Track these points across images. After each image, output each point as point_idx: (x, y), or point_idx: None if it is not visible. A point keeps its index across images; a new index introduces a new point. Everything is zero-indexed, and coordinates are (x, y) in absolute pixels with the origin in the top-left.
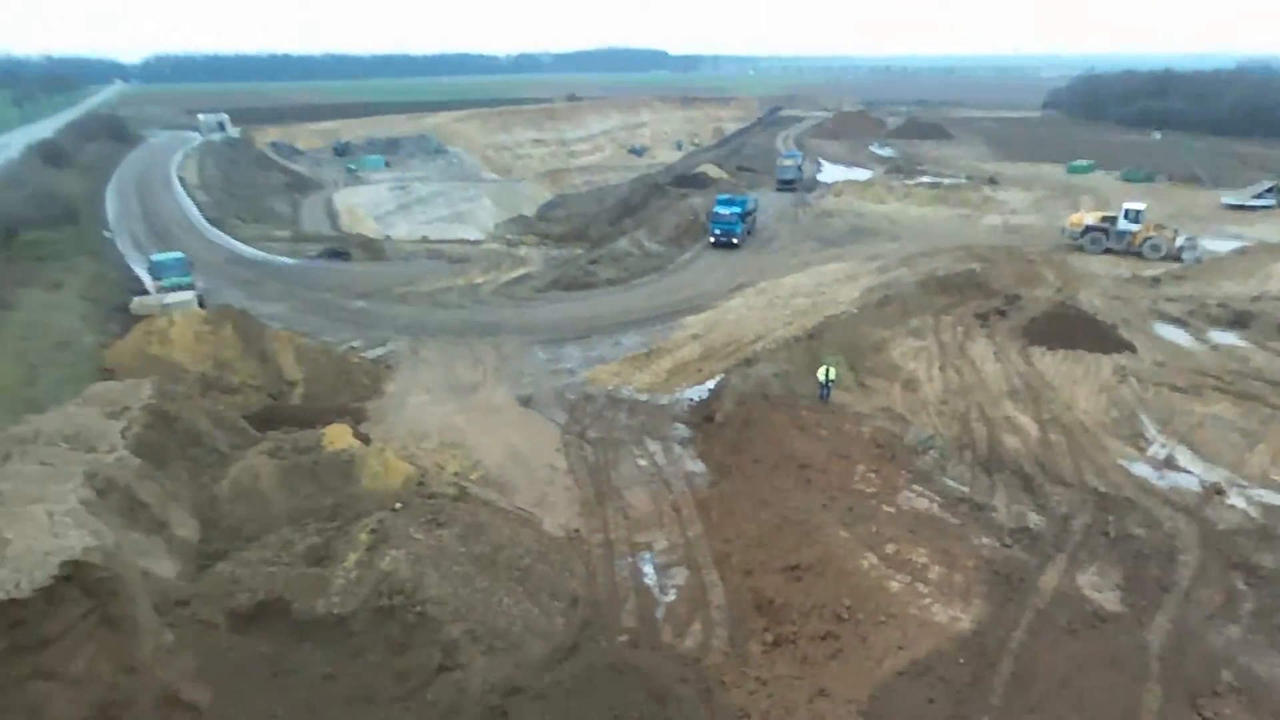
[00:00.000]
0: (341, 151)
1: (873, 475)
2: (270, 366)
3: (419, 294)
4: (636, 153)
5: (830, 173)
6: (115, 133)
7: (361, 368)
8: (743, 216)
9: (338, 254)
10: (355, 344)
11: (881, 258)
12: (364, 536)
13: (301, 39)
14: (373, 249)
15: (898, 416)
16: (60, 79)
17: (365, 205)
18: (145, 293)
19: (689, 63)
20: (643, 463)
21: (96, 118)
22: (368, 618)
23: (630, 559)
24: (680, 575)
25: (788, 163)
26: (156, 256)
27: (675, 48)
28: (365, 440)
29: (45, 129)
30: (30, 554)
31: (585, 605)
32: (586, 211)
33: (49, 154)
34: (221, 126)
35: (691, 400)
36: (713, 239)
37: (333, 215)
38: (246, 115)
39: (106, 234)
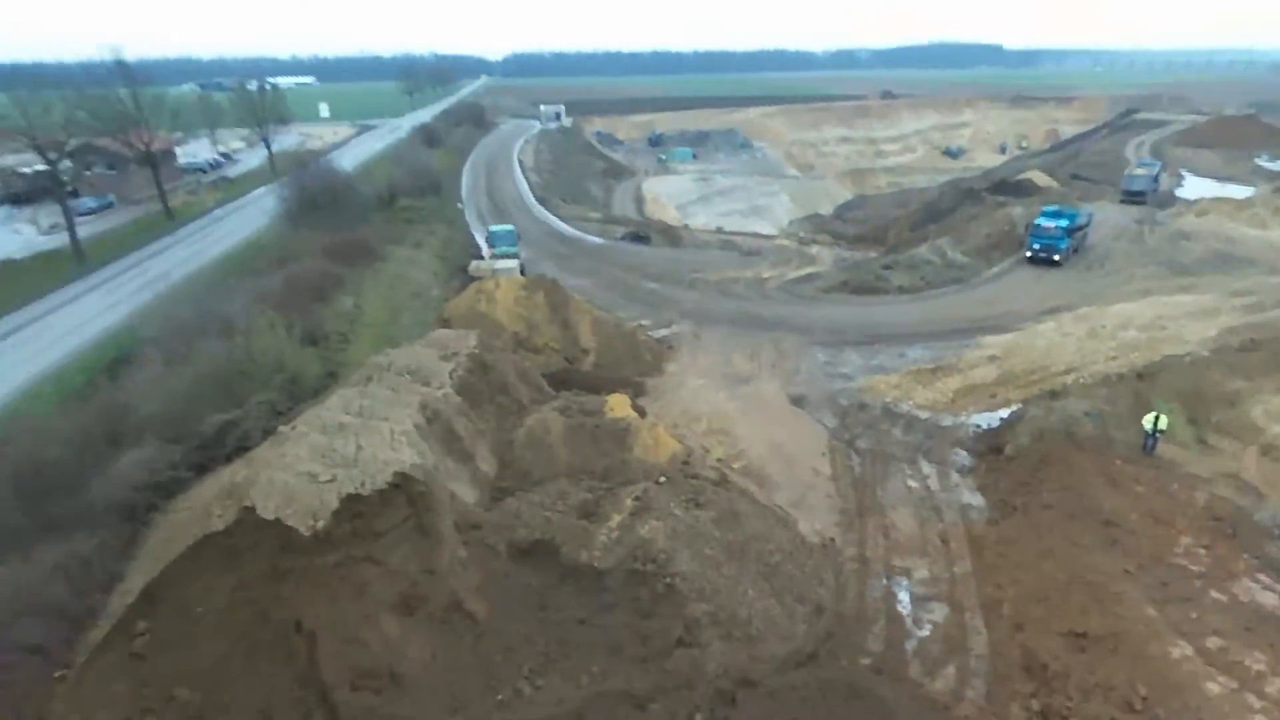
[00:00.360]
0: (655, 142)
1: (1202, 551)
2: (570, 333)
3: (707, 282)
4: (952, 154)
5: (1194, 187)
6: (475, 120)
7: (648, 345)
8: (1070, 231)
9: (639, 237)
10: (645, 322)
11: (1253, 294)
12: (629, 502)
13: (633, 37)
14: (671, 235)
15: (1248, 488)
16: (442, 73)
17: (670, 194)
18: (480, 258)
19: (1026, 58)
20: (913, 483)
21: (463, 106)
22: (621, 577)
23: (885, 581)
24: (939, 611)
25: (1140, 172)
26: (493, 227)
27: (1012, 41)
28: (641, 413)
29: (426, 115)
30: (374, 461)
31: (830, 617)
32: (886, 214)
33: (427, 136)
34: (558, 116)
35: (978, 427)
36: (1030, 254)
37: (639, 201)
38: (579, 107)
39: (459, 205)
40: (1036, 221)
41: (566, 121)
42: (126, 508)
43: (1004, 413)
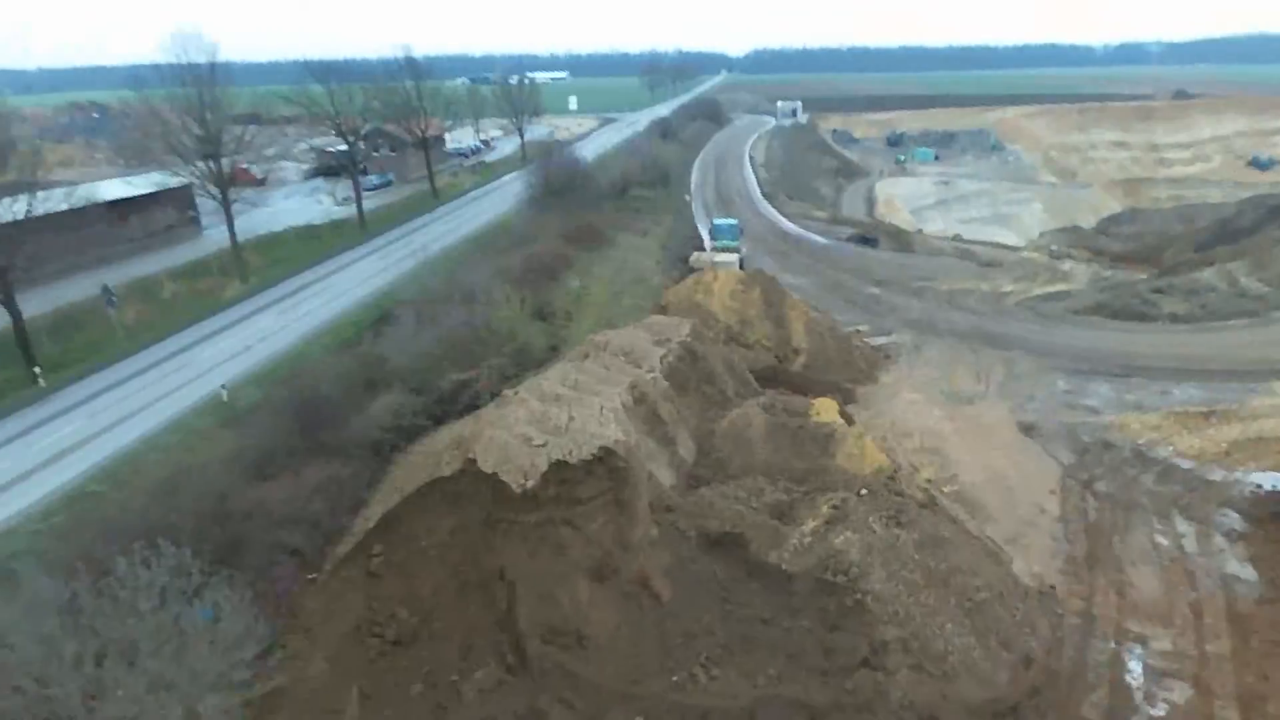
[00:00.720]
0: (894, 142)
1: None
2: (782, 332)
3: (936, 291)
4: (1260, 166)
5: None
6: (711, 115)
7: (862, 352)
8: None
9: (866, 239)
10: (862, 328)
11: None
12: (825, 509)
13: (882, 33)
14: (900, 239)
15: None
16: (683, 69)
17: (904, 196)
18: (702, 249)
19: None
20: (1163, 541)
21: (700, 101)
22: (810, 584)
23: (1114, 645)
24: (1179, 692)
25: None
26: (716, 220)
27: None
28: (849, 420)
29: (665, 109)
30: (583, 433)
31: (1039, 671)
32: (1164, 231)
33: (662, 130)
34: (794, 113)
35: (1258, 487)
36: None
37: (870, 203)
38: (817, 103)
39: (686, 197)
40: None
41: (802, 118)
42: (376, 444)
43: None
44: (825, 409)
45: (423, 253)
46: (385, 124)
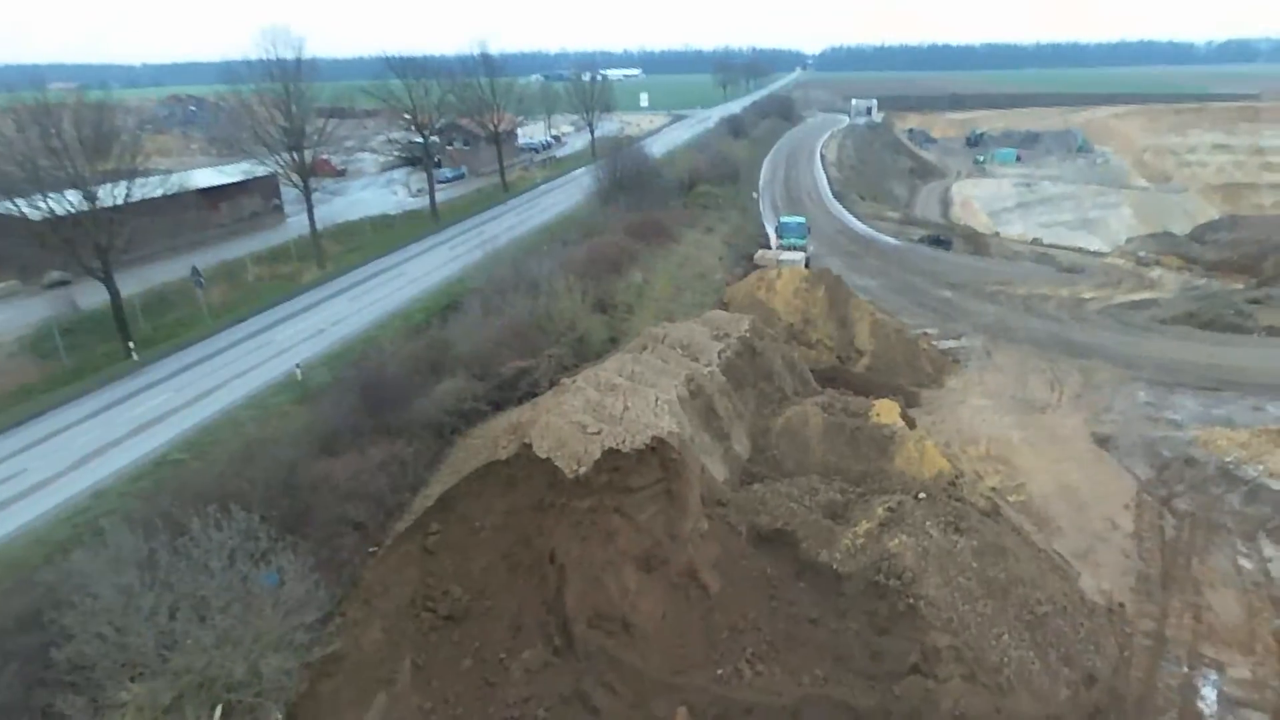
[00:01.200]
0: (974, 142)
1: None
2: (846, 332)
3: (1011, 295)
4: None
5: None
6: (783, 112)
7: (929, 355)
8: None
9: (939, 241)
10: (930, 331)
11: None
12: (880, 511)
13: (964, 29)
14: (976, 242)
15: None
16: (757, 66)
17: (982, 199)
18: (768, 247)
19: None
20: (1247, 564)
21: (772, 98)
22: (861, 586)
23: (1186, 669)
24: None
25: None
26: (784, 218)
27: None
28: (910, 423)
29: (736, 106)
30: (637, 423)
31: (1104, 691)
32: (1265, 239)
33: (732, 127)
34: (869, 112)
35: None
36: None
37: (946, 204)
38: (893, 102)
39: (754, 195)
40: None
41: (877, 117)
42: (437, 426)
43: None
44: (886, 411)
45: (492, 244)
46: (460, 119)
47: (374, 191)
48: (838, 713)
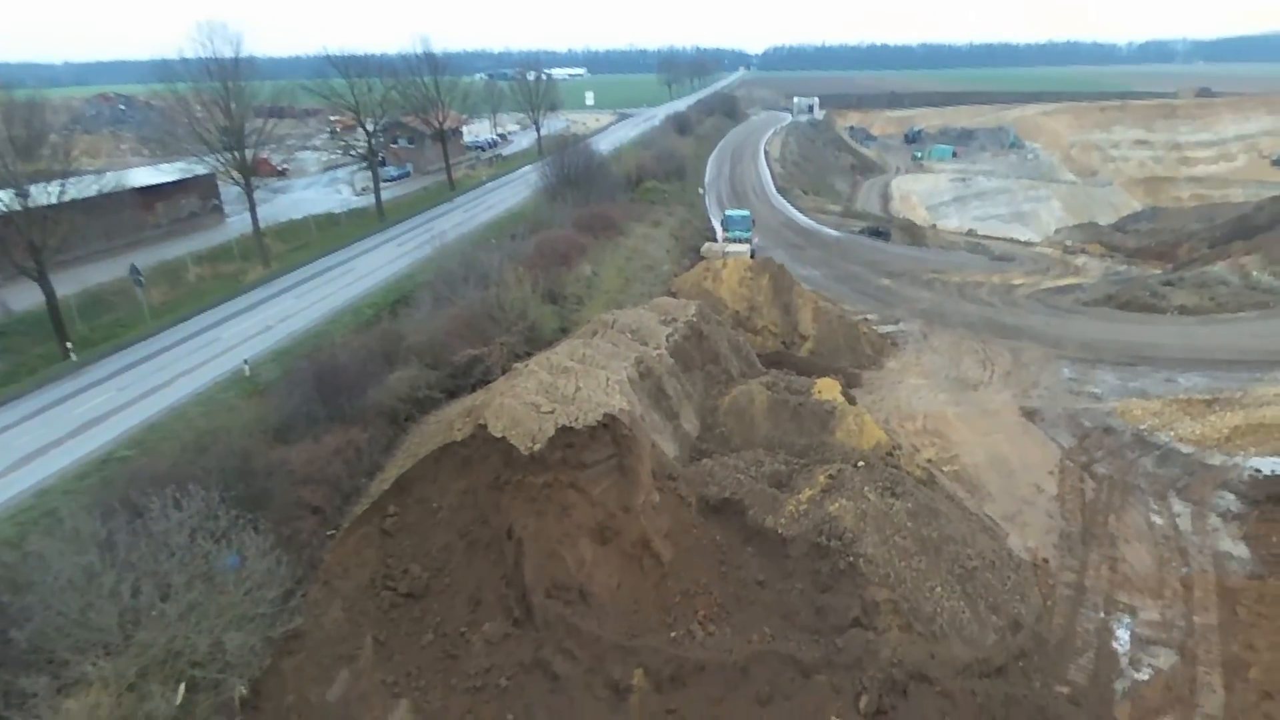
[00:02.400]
0: (912, 139)
1: None
2: (790, 318)
3: (947, 283)
4: None
5: None
6: (727, 110)
7: (869, 339)
8: None
9: (878, 233)
10: (870, 316)
11: None
12: (822, 479)
13: (902, 30)
14: (913, 233)
15: None
16: (701, 65)
17: (921, 193)
18: (714, 240)
19: None
20: (1158, 520)
21: (717, 96)
22: (804, 548)
23: (1102, 614)
24: (1164, 658)
25: None
26: (729, 212)
27: None
28: (850, 401)
29: (682, 104)
30: (589, 401)
31: (1028, 636)
32: (1182, 229)
33: (678, 124)
34: (810, 110)
35: (1257, 471)
36: None
37: (886, 198)
38: (834, 100)
39: (700, 190)
40: None
41: (819, 115)
42: (392, 413)
43: None
44: (827, 388)
45: (440, 240)
46: (403, 117)
47: (317, 190)
48: (785, 666)
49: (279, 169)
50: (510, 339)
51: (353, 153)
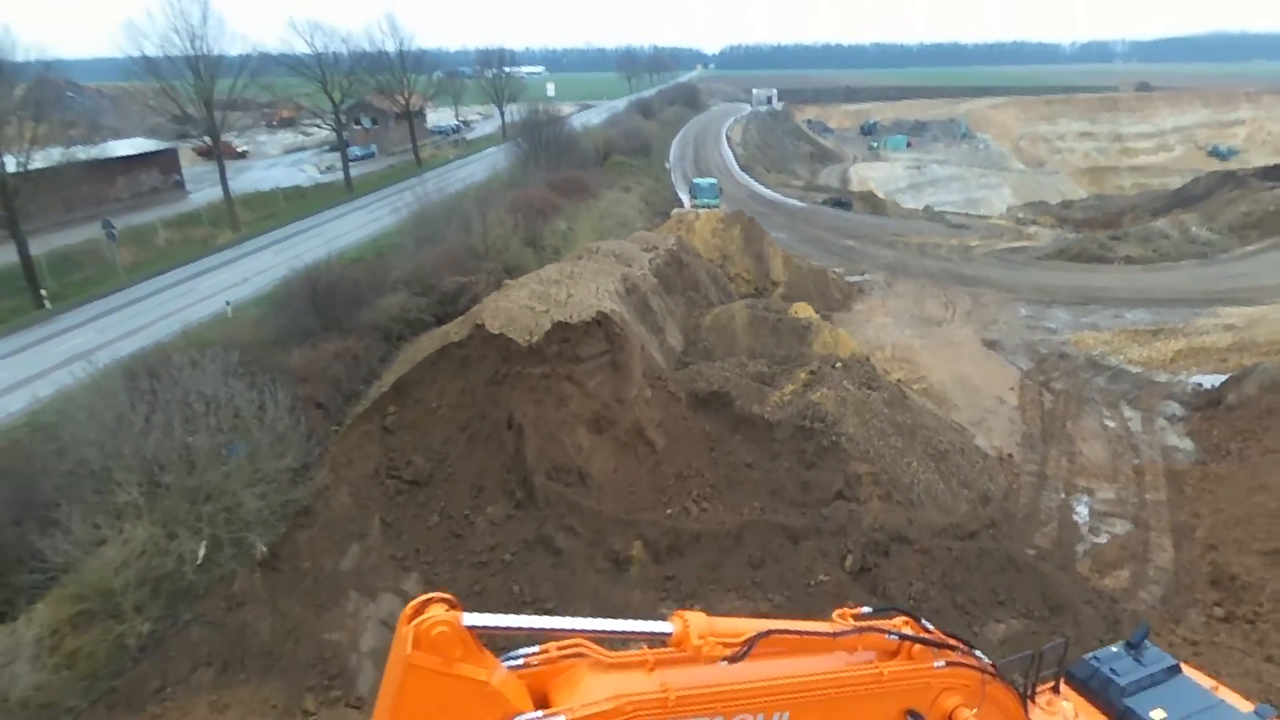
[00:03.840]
0: (868, 131)
1: None
2: (762, 266)
3: (908, 244)
4: (1220, 155)
5: None
6: (689, 100)
7: (838, 284)
8: None
9: (841, 203)
10: (837, 270)
11: None
12: (803, 375)
13: (856, 31)
14: (873, 203)
15: None
16: (660, 63)
17: (878, 179)
18: (683, 206)
19: None
20: (1110, 424)
21: (679, 86)
22: (790, 430)
23: (1063, 495)
24: (1120, 526)
25: None
26: (696, 180)
27: None
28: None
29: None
30: (581, 304)
31: (996, 508)
32: (1125, 209)
33: (642, 107)
34: (769, 100)
35: (1198, 385)
36: None
37: (844, 184)
38: (791, 95)
39: (666, 165)
40: None
41: (777, 105)
42: (384, 329)
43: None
44: (803, 309)
45: (413, 205)
46: (369, 97)
47: (281, 170)
48: (775, 534)
49: (238, 152)
50: (495, 267)
51: (318, 125)
